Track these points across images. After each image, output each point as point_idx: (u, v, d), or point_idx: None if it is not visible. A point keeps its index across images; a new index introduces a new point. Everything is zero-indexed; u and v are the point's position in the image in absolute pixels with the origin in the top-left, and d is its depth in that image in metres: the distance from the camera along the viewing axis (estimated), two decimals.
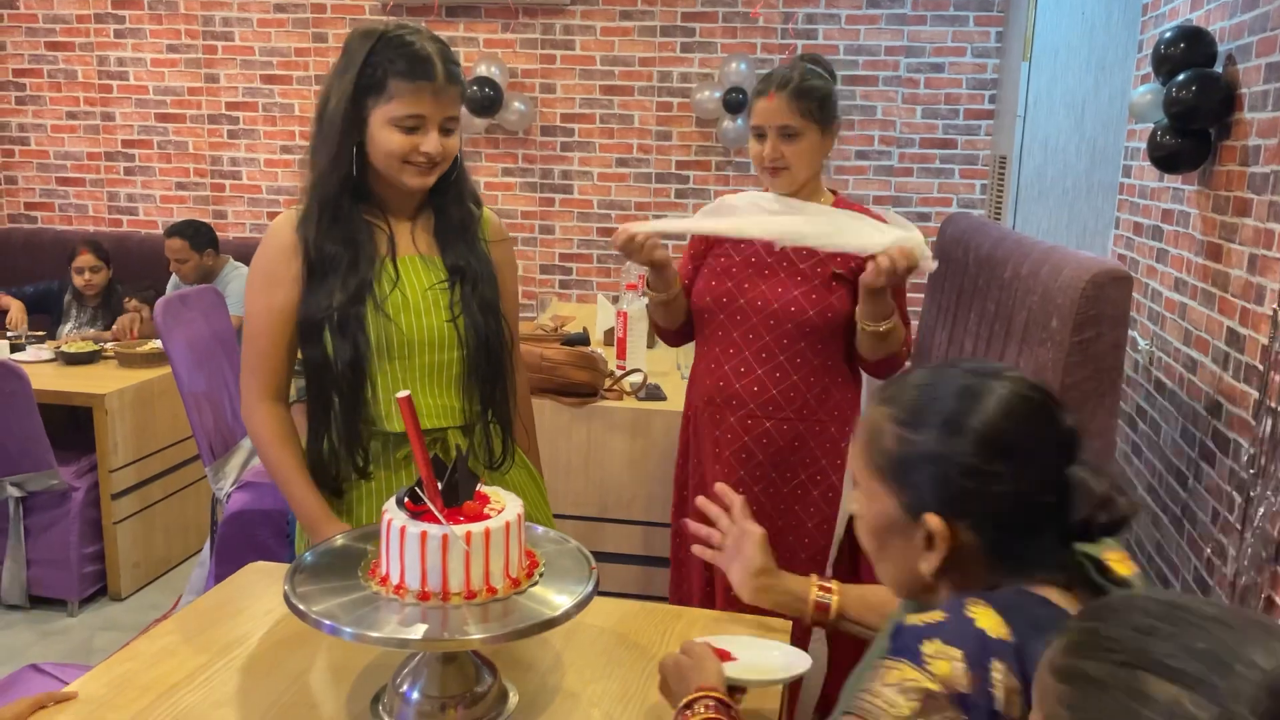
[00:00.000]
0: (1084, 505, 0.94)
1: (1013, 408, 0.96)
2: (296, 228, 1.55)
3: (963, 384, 0.98)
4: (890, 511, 1.00)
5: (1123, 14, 3.53)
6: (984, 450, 0.94)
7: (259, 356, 1.57)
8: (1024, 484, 0.94)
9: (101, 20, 4.82)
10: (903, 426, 0.99)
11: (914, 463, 0.98)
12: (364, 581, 1.23)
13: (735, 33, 4.42)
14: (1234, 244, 2.48)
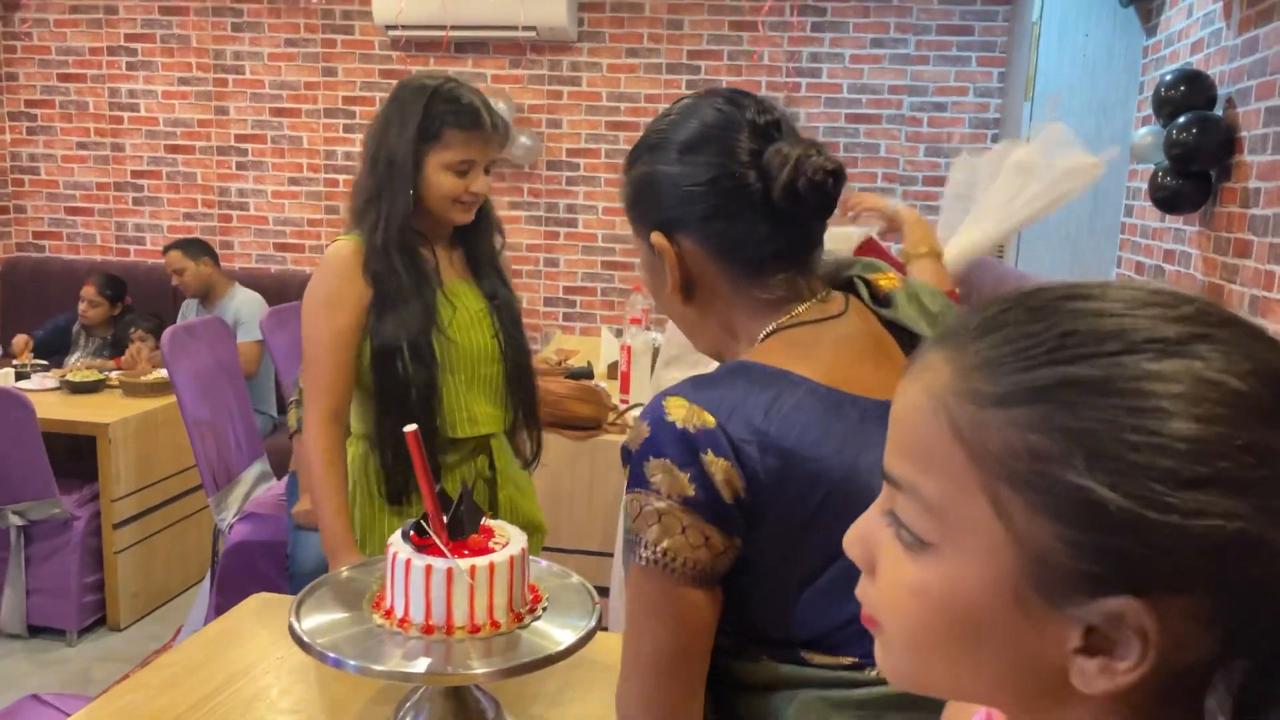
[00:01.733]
0: (781, 173, 0.93)
1: (702, 114, 0.99)
2: (365, 260, 1.70)
3: (663, 113, 1.03)
4: (644, 256, 1.04)
5: (1123, 56, 3.57)
6: (683, 154, 0.97)
7: (323, 378, 1.70)
8: (719, 170, 0.95)
9: (114, 53, 4.88)
10: (627, 170, 1.04)
11: (640, 191, 1.02)
12: (368, 614, 1.23)
13: (740, 70, 4.47)
14: (1235, 285, 2.50)
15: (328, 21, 4.70)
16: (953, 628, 0.51)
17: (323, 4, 4.68)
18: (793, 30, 4.39)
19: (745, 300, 0.99)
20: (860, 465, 0.89)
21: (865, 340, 1.00)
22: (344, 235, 1.76)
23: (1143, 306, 0.48)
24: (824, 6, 4.37)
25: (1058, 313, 0.49)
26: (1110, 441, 0.45)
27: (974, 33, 4.29)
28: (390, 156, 1.71)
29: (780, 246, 0.98)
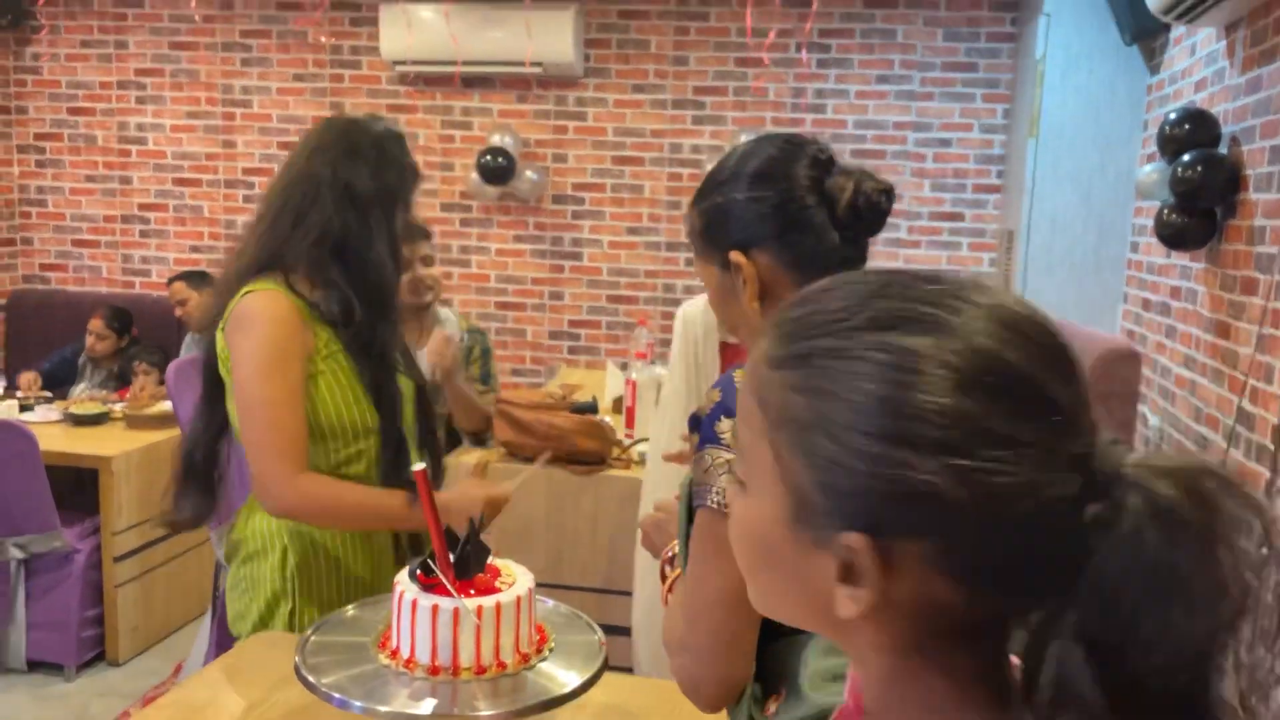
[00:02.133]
0: (844, 195, 1.12)
1: (765, 151, 1.16)
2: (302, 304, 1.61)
3: (727, 154, 1.19)
4: (716, 278, 1.18)
5: (1127, 94, 3.59)
6: (753, 184, 1.14)
7: (287, 436, 1.57)
8: (787, 195, 1.12)
9: (124, 87, 4.93)
10: (698, 204, 1.19)
11: (712, 220, 1.17)
12: (374, 654, 1.22)
13: (745, 106, 4.50)
14: (1241, 322, 2.49)
15: (336, 57, 4.74)
16: (756, 556, 0.62)
17: (331, 40, 4.72)
18: (798, 67, 4.42)
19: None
20: None
21: None
22: (257, 285, 1.60)
23: (881, 288, 0.58)
24: (829, 43, 4.41)
25: (828, 292, 0.60)
26: (836, 401, 0.55)
27: (978, 69, 4.32)
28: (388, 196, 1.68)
29: (845, 256, 1.14)
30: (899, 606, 0.56)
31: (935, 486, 0.52)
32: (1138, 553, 0.51)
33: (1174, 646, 0.52)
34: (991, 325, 0.54)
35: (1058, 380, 0.54)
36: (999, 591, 0.55)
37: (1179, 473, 0.52)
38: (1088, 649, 0.52)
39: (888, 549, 0.54)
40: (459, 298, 4.72)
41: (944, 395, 0.52)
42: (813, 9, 4.28)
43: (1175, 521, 0.51)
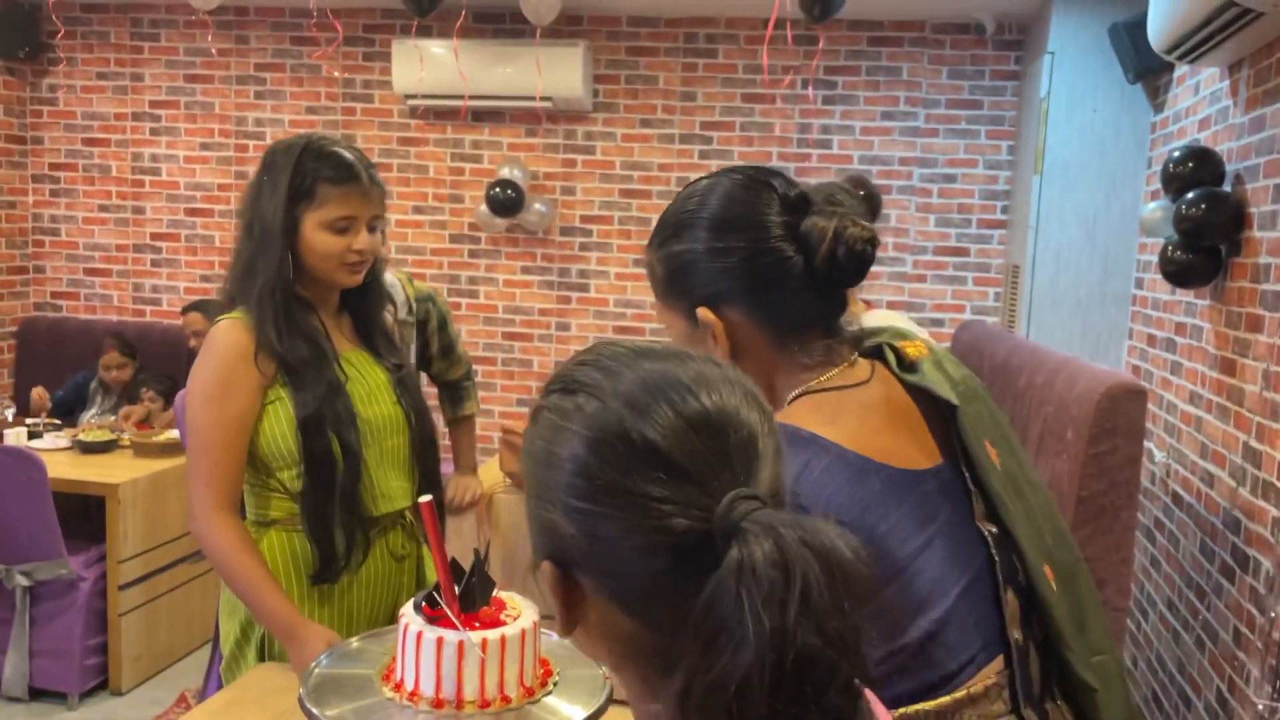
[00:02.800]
0: (821, 245, 1.00)
1: (729, 192, 1.04)
2: (251, 335, 1.59)
3: (687, 193, 1.08)
4: (682, 328, 1.08)
5: (1131, 132, 3.62)
6: (719, 233, 1.03)
7: (214, 468, 1.57)
8: (758, 245, 1.02)
9: (138, 119, 4.99)
10: (657, 249, 1.09)
11: (675, 271, 1.07)
12: (378, 687, 1.22)
13: (752, 141, 4.54)
14: (1247, 360, 2.50)
15: (348, 90, 4.80)
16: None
17: (343, 73, 4.78)
18: (804, 103, 4.46)
19: (786, 363, 1.06)
20: (878, 530, 0.96)
21: (887, 408, 1.06)
22: (226, 315, 1.63)
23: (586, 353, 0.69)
24: (835, 80, 4.45)
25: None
26: (531, 447, 0.67)
27: (983, 107, 4.36)
28: (263, 221, 1.60)
29: (822, 311, 1.05)
30: (600, 632, 0.65)
31: (559, 525, 0.62)
32: (726, 606, 0.56)
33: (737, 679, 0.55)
34: (634, 388, 0.63)
35: (687, 446, 0.60)
36: (663, 623, 0.61)
37: (782, 535, 0.56)
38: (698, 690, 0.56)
39: (569, 577, 0.64)
40: (466, 328, 4.74)
41: (576, 449, 0.62)
42: (819, 46, 4.33)
43: (757, 585, 0.55)
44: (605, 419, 0.62)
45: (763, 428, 0.64)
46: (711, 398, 0.63)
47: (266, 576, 1.57)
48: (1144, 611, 3.22)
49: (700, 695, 0.55)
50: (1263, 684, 2.23)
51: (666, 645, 0.60)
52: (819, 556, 0.56)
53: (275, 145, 1.65)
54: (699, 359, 0.66)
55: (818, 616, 0.55)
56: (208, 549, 1.59)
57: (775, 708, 0.54)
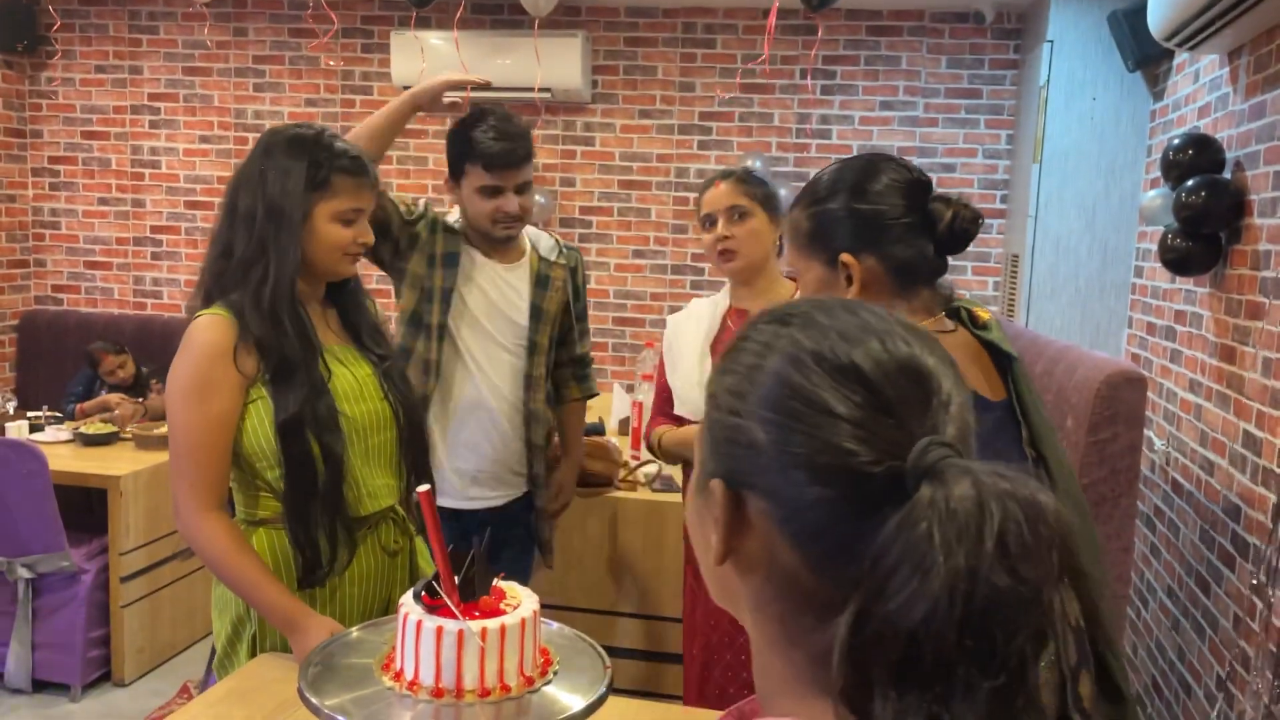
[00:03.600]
0: (945, 217, 1.31)
1: (884, 168, 1.34)
2: (243, 331, 1.56)
3: (850, 165, 1.37)
4: (819, 273, 1.36)
5: (1131, 120, 3.61)
6: (877, 198, 1.33)
7: (198, 469, 1.55)
8: (900, 213, 1.32)
9: (137, 111, 4.98)
10: (806, 207, 1.37)
11: (825, 223, 1.35)
12: (378, 676, 1.22)
13: (751, 131, 4.53)
14: (1247, 347, 2.50)
15: (347, 82, 4.80)
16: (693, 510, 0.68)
17: (342, 65, 4.78)
18: (803, 93, 4.45)
19: (900, 307, 1.32)
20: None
21: (970, 351, 1.36)
22: (205, 311, 1.60)
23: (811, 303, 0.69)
24: (834, 70, 4.44)
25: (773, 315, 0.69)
26: (727, 373, 0.66)
27: (982, 96, 4.35)
28: (276, 208, 1.57)
29: (935, 267, 1.35)
30: (755, 564, 0.63)
31: (746, 435, 0.61)
32: (912, 540, 0.54)
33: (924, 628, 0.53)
34: (854, 329, 0.63)
35: (891, 381, 0.60)
36: (827, 562, 0.59)
37: (982, 479, 0.55)
38: (869, 630, 0.54)
39: (739, 499, 0.62)
40: None
41: (782, 364, 0.62)
42: (818, 36, 4.32)
43: (950, 520, 0.54)
44: (818, 342, 0.62)
45: (960, 397, 0.63)
46: (919, 351, 0.63)
47: (262, 570, 1.56)
48: (1144, 599, 3.22)
49: (874, 631, 0.54)
50: (1263, 670, 2.23)
51: (824, 587, 0.59)
52: (1019, 504, 0.54)
53: (273, 134, 1.64)
54: (910, 322, 0.66)
55: (1013, 559, 0.53)
56: (198, 550, 1.58)
57: (960, 645, 0.52)
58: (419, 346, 2.25)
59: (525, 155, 2.22)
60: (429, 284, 2.25)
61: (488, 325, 2.28)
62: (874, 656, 0.54)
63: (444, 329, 2.25)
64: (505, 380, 2.30)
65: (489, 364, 2.28)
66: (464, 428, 2.29)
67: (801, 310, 0.66)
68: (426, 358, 2.25)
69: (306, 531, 1.58)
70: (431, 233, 2.28)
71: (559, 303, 2.38)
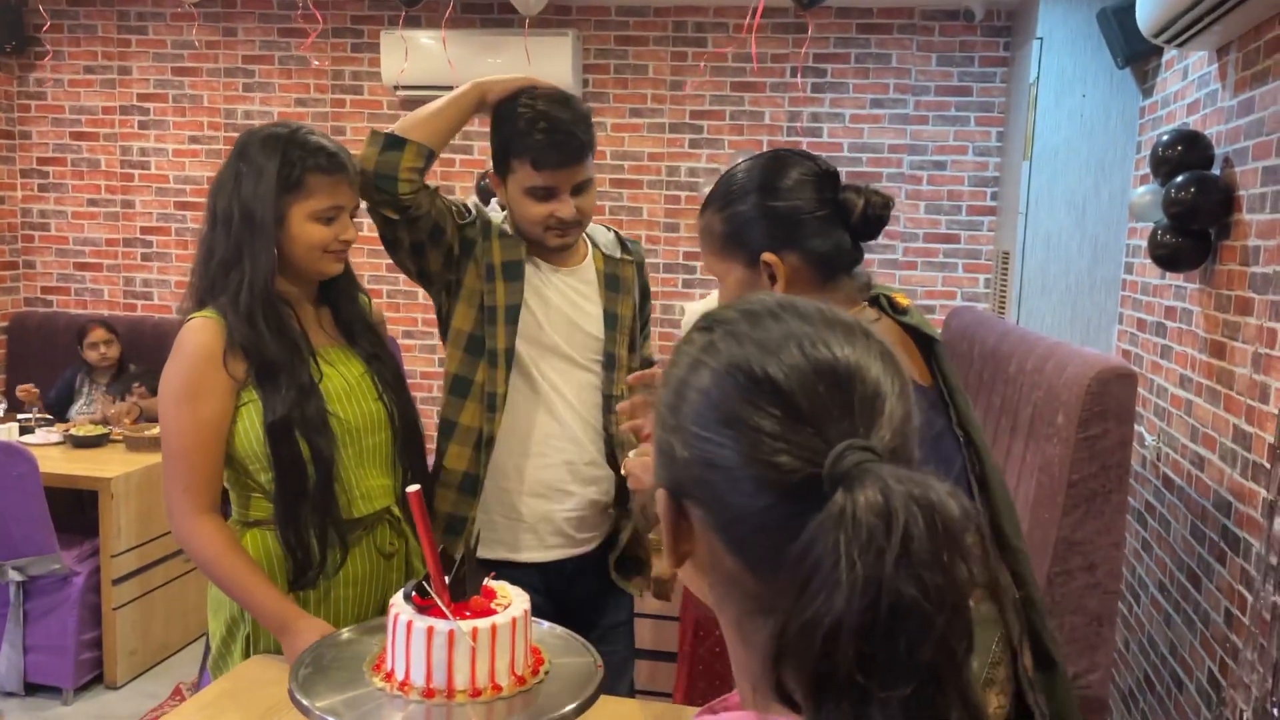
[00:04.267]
0: (857, 207, 1.33)
1: (792, 164, 1.35)
2: (230, 335, 1.55)
3: (756, 164, 1.38)
4: (740, 275, 1.36)
5: (1120, 117, 3.62)
6: (790, 194, 1.33)
7: (191, 472, 1.55)
8: (816, 205, 1.34)
9: (126, 112, 4.97)
10: (719, 210, 1.37)
11: (741, 224, 1.35)
12: (369, 677, 1.22)
13: (742, 129, 4.53)
14: (1237, 342, 2.51)
15: (337, 82, 4.79)
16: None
17: (332, 65, 4.77)
18: (794, 91, 4.46)
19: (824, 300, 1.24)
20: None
21: (895, 337, 1.36)
22: (196, 314, 1.60)
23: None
24: (824, 68, 4.44)
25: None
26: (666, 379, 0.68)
27: (972, 93, 4.36)
28: (248, 212, 1.57)
29: (852, 257, 1.37)
30: (704, 568, 0.66)
31: (676, 451, 0.64)
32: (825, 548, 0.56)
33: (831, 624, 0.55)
34: (774, 336, 0.65)
35: (808, 389, 0.62)
36: (762, 567, 0.62)
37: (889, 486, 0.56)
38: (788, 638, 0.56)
39: (681, 508, 0.66)
40: None
41: (704, 380, 0.64)
42: (808, 34, 4.32)
43: (856, 529, 0.55)
44: (735, 354, 0.64)
45: (893, 388, 0.64)
46: (843, 350, 0.64)
47: (255, 572, 1.56)
48: (1136, 595, 3.23)
49: (792, 638, 0.56)
50: (1255, 665, 2.24)
51: (763, 590, 0.62)
52: (924, 510, 0.55)
53: (248, 134, 1.63)
54: (843, 317, 0.68)
55: (917, 568, 0.54)
56: (192, 553, 1.58)
57: (865, 654, 0.54)
58: (479, 376, 1.88)
59: (582, 148, 1.81)
60: (490, 300, 1.88)
61: (562, 342, 1.92)
62: (794, 663, 0.55)
63: (511, 354, 1.88)
64: (585, 405, 1.95)
65: (566, 388, 1.93)
66: (542, 467, 1.92)
67: (729, 317, 0.68)
68: (491, 390, 1.87)
69: (297, 534, 1.57)
70: (485, 238, 1.92)
71: (631, 305, 2.05)
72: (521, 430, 1.90)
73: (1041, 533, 2.12)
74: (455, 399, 1.89)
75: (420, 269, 1.89)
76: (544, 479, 1.91)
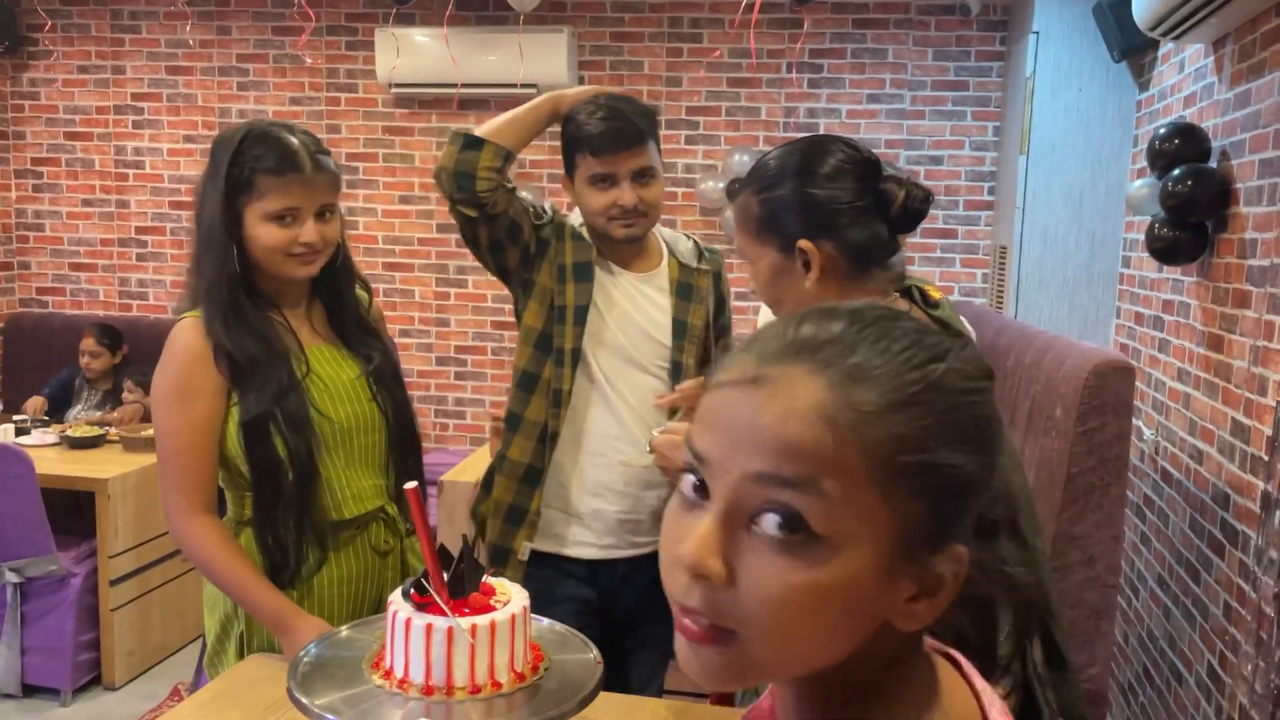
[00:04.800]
0: (898, 197, 1.31)
1: (834, 151, 1.33)
2: (206, 335, 1.55)
3: (797, 149, 1.35)
4: (773, 259, 1.35)
5: (1117, 111, 3.61)
6: (829, 182, 1.32)
7: (185, 473, 1.55)
8: (856, 193, 1.31)
9: (120, 111, 4.95)
10: (756, 193, 1.35)
11: (778, 209, 1.34)
12: (368, 675, 1.22)
13: (738, 125, 4.52)
14: (1235, 335, 2.50)
15: (331, 80, 4.77)
16: (836, 607, 0.57)
17: (326, 63, 4.75)
18: (790, 86, 4.45)
19: (857, 290, 1.35)
20: None
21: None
22: (188, 314, 1.60)
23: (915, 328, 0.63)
24: (820, 63, 4.44)
25: (893, 330, 0.61)
26: (962, 421, 0.59)
27: (969, 88, 4.35)
28: (206, 216, 1.56)
29: (889, 248, 1.35)
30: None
31: (980, 478, 0.60)
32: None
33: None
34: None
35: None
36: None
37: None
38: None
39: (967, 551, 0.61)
40: (455, 317, 4.72)
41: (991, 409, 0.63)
42: (804, 30, 4.32)
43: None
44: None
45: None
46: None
47: (251, 571, 1.55)
48: (1135, 588, 3.23)
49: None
50: (1255, 658, 2.24)
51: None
52: None
53: (220, 135, 1.62)
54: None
55: None
56: (189, 553, 1.58)
57: None
58: (547, 372, 1.95)
59: (639, 135, 1.87)
60: (560, 300, 1.95)
61: (627, 346, 1.97)
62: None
63: (578, 354, 1.94)
64: (646, 408, 1.97)
65: (629, 390, 1.97)
66: (599, 466, 1.97)
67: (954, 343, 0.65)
68: (557, 386, 1.94)
69: (274, 533, 1.57)
70: (559, 239, 1.99)
71: (704, 315, 2.07)
72: (582, 428, 1.97)
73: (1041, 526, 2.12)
74: (522, 393, 1.97)
75: (499, 265, 1.98)
76: (600, 478, 1.97)
